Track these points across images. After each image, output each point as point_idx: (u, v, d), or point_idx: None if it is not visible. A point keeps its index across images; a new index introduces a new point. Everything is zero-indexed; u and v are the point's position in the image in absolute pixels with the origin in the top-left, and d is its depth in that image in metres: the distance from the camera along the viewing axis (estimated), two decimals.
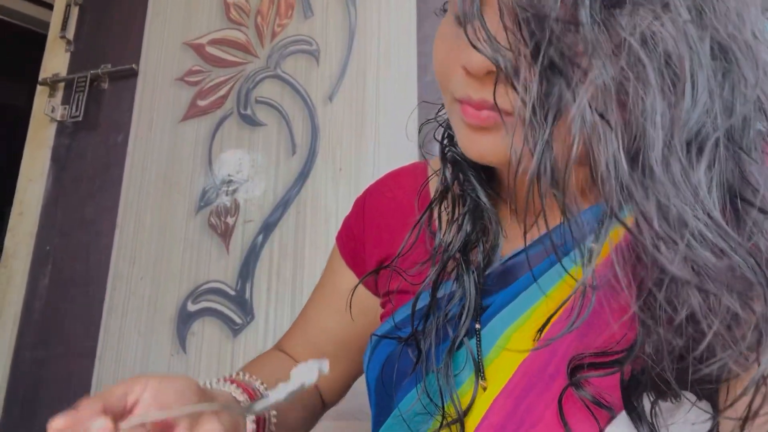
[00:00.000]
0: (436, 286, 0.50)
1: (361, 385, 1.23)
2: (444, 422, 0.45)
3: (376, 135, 1.32)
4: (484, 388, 0.46)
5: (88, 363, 1.38)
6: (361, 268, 0.63)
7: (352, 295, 0.61)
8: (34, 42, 2.03)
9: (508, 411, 0.43)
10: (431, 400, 0.46)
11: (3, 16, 2.04)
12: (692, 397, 0.38)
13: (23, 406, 1.41)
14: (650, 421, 0.37)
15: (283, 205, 1.35)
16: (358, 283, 0.62)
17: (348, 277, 0.64)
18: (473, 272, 0.49)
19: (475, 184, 0.52)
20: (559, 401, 0.41)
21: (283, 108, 1.41)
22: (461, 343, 0.47)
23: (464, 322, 0.47)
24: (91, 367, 1.38)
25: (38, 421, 1.38)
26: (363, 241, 0.63)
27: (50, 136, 1.60)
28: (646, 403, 0.38)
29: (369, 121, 1.34)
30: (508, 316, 0.47)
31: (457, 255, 0.50)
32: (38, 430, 1.37)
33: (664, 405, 0.38)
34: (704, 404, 0.39)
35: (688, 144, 0.35)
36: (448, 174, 0.53)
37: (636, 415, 0.38)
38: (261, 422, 0.51)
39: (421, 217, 0.55)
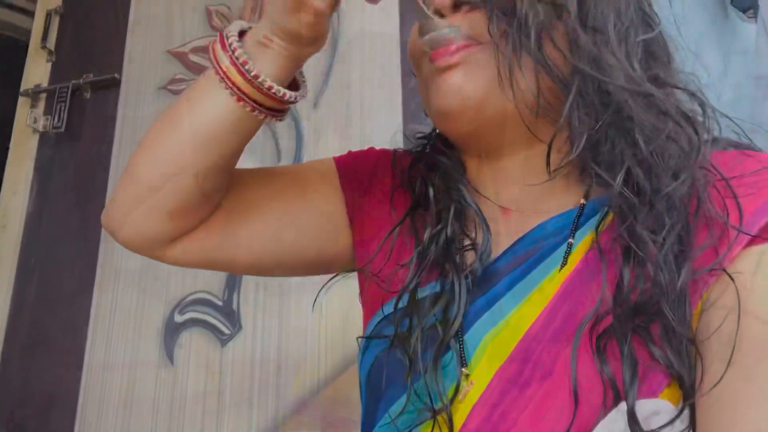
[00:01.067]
0: (414, 291, 0.50)
1: (349, 394, 1.22)
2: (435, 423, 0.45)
3: (361, 140, 1.31)
4: (469, 380, 0.45)
5: (75, 376, 1.37)
6: (352, 201, 0.61)
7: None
8: (15, 51, 2.00)
9: (483, 418, 0.43)
10: (419, 398, 0.45)
11: None
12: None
13: (10, 419, 1.39)
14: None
15: None
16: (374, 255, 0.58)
17: (333, 193, 0.61)
18: (462, 274, 0.48)
19: (459, 186, 0.53)
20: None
21: None
22: (448, 347, 0.47)
23: (453, 323, 0.47)
24: (78, 381, 1.36)
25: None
26: (363, 194, 0.61)
27: (33, 147, 1.59)
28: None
29: (354, 126, 1.33)
30: (485, 324, 0.47)
31: (441, 258, 0.50)
32: None
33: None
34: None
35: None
36: (429, 181, 0.55)
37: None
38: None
39: (396, 226, 0.55)
